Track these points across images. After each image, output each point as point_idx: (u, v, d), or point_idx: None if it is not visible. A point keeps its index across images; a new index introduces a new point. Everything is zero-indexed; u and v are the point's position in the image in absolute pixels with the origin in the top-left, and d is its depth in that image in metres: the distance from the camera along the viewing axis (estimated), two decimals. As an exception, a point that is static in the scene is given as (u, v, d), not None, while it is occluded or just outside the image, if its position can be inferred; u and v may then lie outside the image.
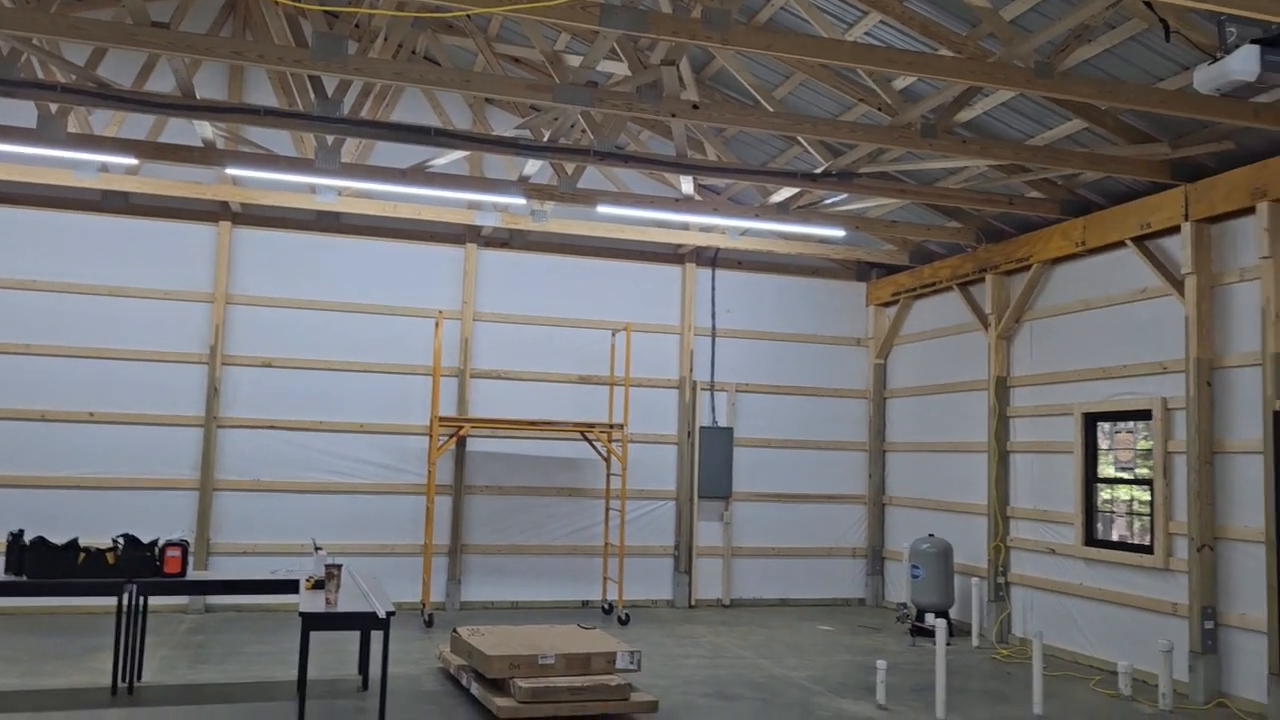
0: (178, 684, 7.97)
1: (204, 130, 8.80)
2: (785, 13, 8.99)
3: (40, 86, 7.57)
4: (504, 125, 12.41)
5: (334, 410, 11.93)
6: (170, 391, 11.38)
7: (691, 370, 13.19)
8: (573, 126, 8.93)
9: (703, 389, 13.29)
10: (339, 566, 6.76)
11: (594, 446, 12.39)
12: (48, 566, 7.58)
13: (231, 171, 9.24)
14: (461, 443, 12.20)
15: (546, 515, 12.57)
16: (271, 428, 11.69)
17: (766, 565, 13.36)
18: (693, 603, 12.94)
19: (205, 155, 9.16)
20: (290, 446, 11.73)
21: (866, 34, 8.73)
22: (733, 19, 6.33)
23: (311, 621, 6.34)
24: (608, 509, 12.44)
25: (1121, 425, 9.98)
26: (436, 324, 11.78)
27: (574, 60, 9.50)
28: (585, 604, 12.57)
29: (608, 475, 12.36)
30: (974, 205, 9.98)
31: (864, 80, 9.52)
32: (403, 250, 12.32)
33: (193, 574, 8.20)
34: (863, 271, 14.05)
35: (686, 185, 10.16)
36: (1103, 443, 10.20)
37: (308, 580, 7.46)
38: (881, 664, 8.02)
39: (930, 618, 11.12)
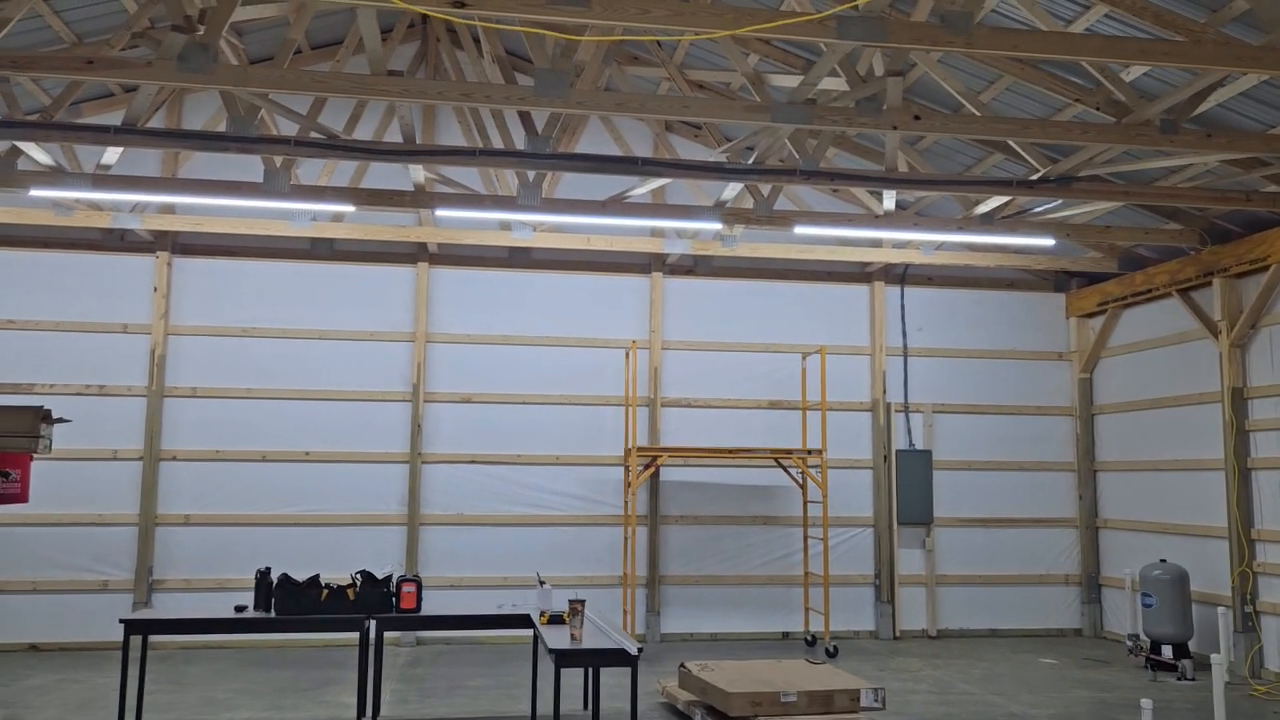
0: (415, 718, 8.08)
1: (417, 174, 9.05)
2: (995, 14, 8.60)
3: (275, 141, 7.91)
4: (686, 151, 12.39)
5: (530, 443, 12.05)
6: (378, 429, 11.73)
7: (885, 392, 12.76)
8: (785, 154, 8.73)
9: (897, 411, 12.83)
10: (582, 602, 6.69)
11: (789, 473, 12.09)
12: (293, 603, 7.81)
13: (441, 213, 9.46)
14: (655, 472, 12.12)
15: (742, 544, 12.33)
16: (472, 462, 11.90)
17: (973, 594, 12.72)
18: (897, 634, 12.41)
19: (416, 199, 9.42)
20: (490, 480, 11.91)
21: (1088, 29, 8.25)
22: (974, 22, 6.03)
23: (563, 658, 6.28)
24: (806, 537, 12.09)
25: (1391, 436, 9.03)
26: (629, 355, 11.78)
27: (780, 81, 9.33)
28: (786, 636, 12.23)
29: (804, 502, 12.04)
30: (1205, 204, 9.27)
31: (1077, 79, 9.03)
32: (589, 282, 12.39)
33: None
34: (1061, 282, 13.33)
35: (889, 200, 9.83)
36: (1368, 456, 9.25)
37: (542, 615, 7.44)
38: (1147, 703, 7.40)
39: (1167, 650, 10.32)
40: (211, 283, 11.59)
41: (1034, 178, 9.00)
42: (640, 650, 6.33)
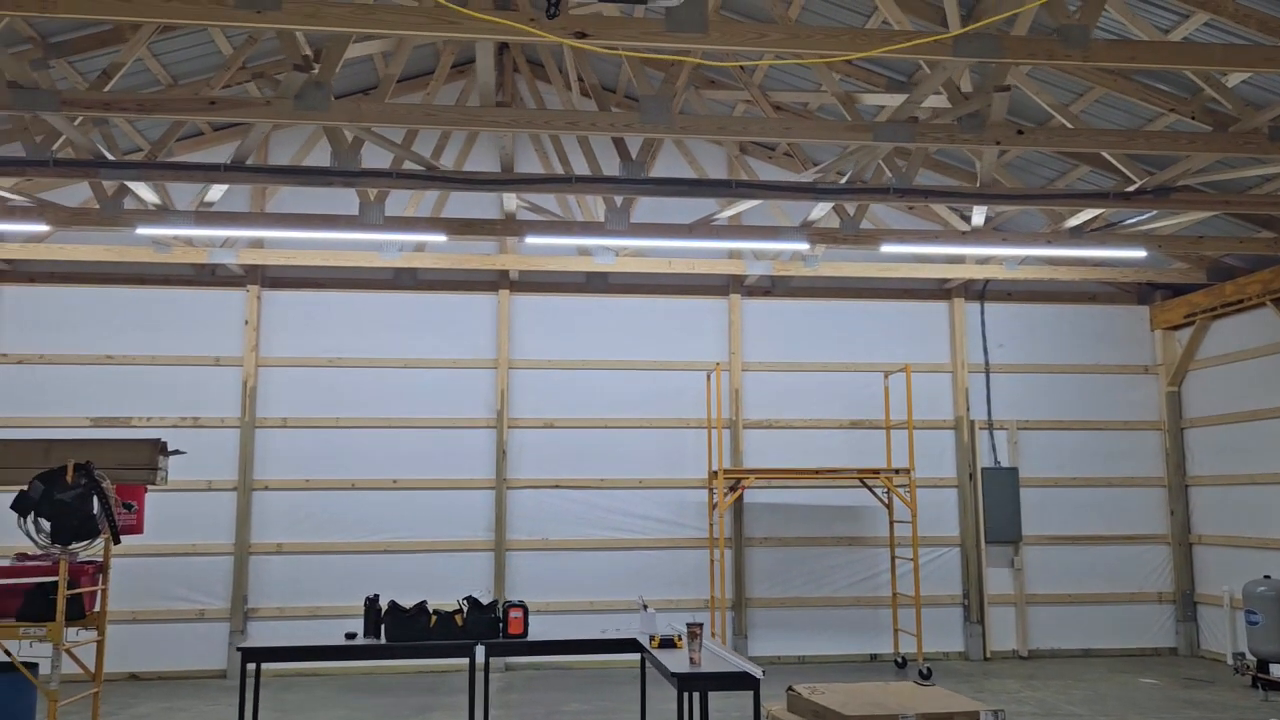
0: (523, 744, 8.09)
1: (509, 203, 9.15)
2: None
3: (377, 175, 8.05)
4: (762, 172, 12.41)
5: (612, 467, 12.06)
6: (463, 456, 11.81)
7: (968, 409, 12.61)
8: (869, 174, 8.71)
9: (981, 428, 12.67)
10: (700, 625, 6.66)
11: (874, 493, 11.98)
12: (403, 630, 7.86)
13: (530, 239, 9.55)
14: (740, 494, 12.06)
15: (826, 566, 12.23)
16: (556, 487, 11.94)
17: (1063, 613, 12.48)
18: (988, 655, 12.21)
19: (506, 227, 9.52)
20: (574, 504, 11.94)
21: (1187, 39, 8.15)
22: (1090, 35, 5.99)
23: (686, 682, 6.26)
24: (893, 557, 11.96)
25: None
26: (714, 376, 11.78)
27: (869, 100, 9.32)
28: (873, 658, 12.08)
29: (890, 522, 11.91)
30: (1307, 211, 9.10)
31: (1166, 88, 8.92)
32: (667, 305, 12.43)
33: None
34: (1144, 294, 13.12)
35: (978, 216, 9.76)
36: None
37: (652, 639, 7.41)
38: (1277, 724, 7.21)
39: (1275, 668, 10.04)
40: (299, 315, 11.78)
41: (1130, 189, 8.89)
42: (764, 674, 6.29)
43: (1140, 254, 10.32)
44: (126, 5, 5.31)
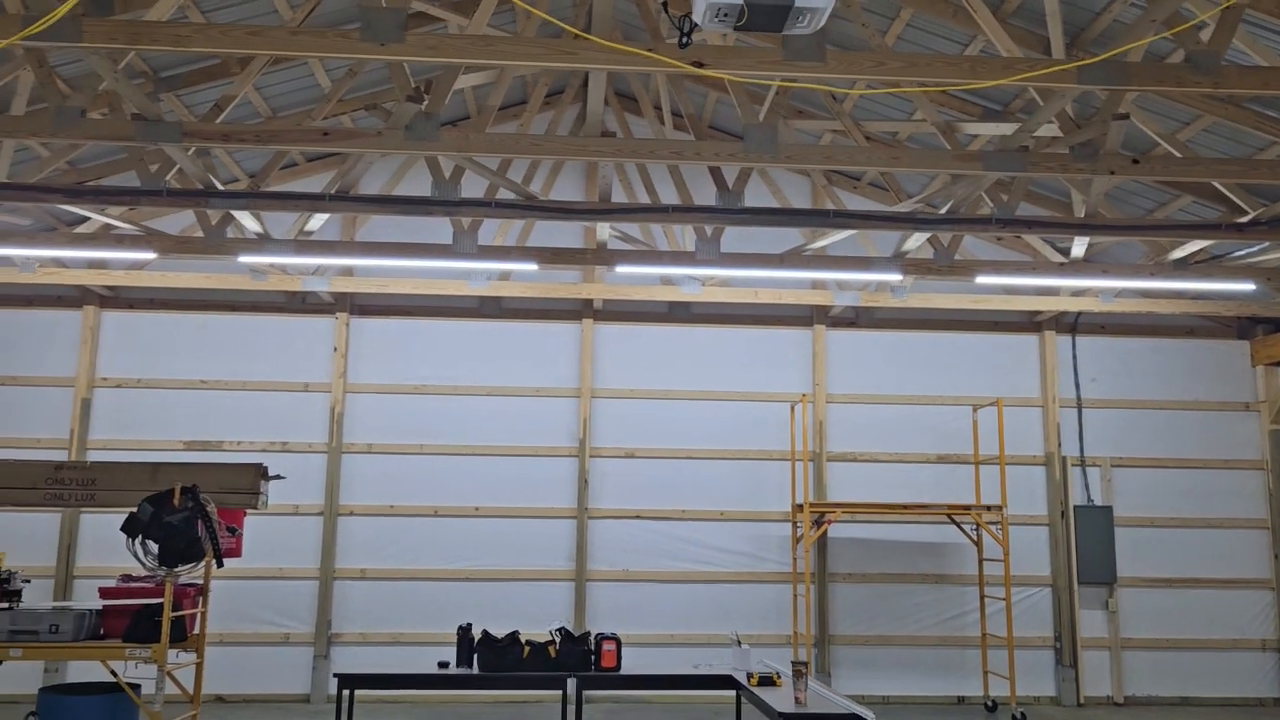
0: (614, 781, 7.96)
1: (603, 232, 9.16)
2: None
3: (476, 204, 8.11)
4: (848, 203, 12.29)
5: (693, 498, 11.94)
6: (545, 485, 11.79)
7: (1059, 445, 12.27)
8: (960, 205, 8.54)
9: (1073, 464, 12.31)
10: (805, 664, 6.51)
11: (963, 530, 11.68)
12: (496, 659, 7.83)
13: (622, 269, 9.53)
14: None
15: (912, 603, 11.93)
16: (637, 518, 11.84)
17: (1159, 659, 12.00)
18: (1081, 700, 11.78)
19: (597, 256, 9.53)
20: (654, 535, 11.83)
21: (1306, 65, 7.90)
22: (1220, 61, 5.81)
23: (794, 723, 6.10)
24: (982, 596, 11.62)
25: None
26: (798, 408, 11.62)
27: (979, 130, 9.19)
28: (961, 700, 11.72)
29: (980, 560, 11.59)
30: None
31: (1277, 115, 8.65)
32: (750, 335, 12.32)
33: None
34: (1244, 328, 12.68)
35: (1079, 247, 9.52)
36: None
37: (751, 677, 7.27)
38: None
39: (1397, 724, 9.52)
40: (386, 342, 11.91)
41: (1244, 220, 8.60)
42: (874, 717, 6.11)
43: (1249, 287, 9.97)
44: (256, 39, 5.42)
